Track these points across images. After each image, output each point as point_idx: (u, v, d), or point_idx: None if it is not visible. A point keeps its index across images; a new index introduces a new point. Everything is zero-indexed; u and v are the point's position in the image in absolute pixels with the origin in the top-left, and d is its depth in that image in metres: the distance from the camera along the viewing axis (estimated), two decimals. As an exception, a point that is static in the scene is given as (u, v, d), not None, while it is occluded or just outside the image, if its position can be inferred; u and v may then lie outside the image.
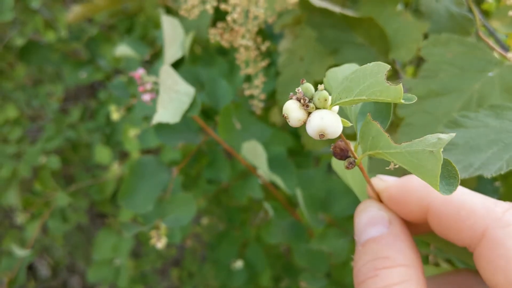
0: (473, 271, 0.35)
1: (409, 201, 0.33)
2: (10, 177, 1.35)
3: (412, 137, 0.54)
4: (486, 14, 0.89)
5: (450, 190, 0.26)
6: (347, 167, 0.31)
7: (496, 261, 0.27)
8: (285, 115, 0.28)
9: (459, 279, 0.36)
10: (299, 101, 0.28)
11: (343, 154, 0.31)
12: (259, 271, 1.18)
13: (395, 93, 0.24)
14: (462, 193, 0.30)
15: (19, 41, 1.46)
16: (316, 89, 0.28)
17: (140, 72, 0.59)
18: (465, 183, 0.59)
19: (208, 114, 0.99)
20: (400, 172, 0.41)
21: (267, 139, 0.94)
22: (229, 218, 1.27)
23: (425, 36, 0.73)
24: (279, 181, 0.68)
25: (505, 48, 0.62)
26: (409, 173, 0.33)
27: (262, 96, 0.74)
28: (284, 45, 0.79)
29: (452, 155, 0.44)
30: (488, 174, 0.40)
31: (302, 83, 0.28)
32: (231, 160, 0.97)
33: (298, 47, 0.76)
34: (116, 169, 1.31)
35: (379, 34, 0.65)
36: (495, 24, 0.73)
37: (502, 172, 0.40)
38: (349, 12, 0.66)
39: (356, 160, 0.31)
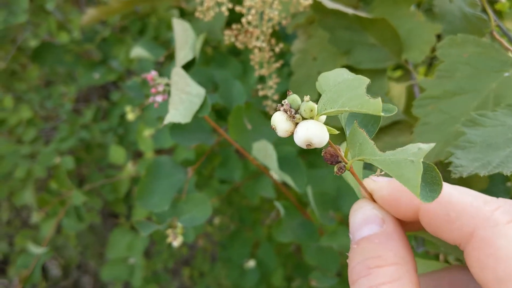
0: (466, 268, 0.36)
1: (400, 202, 0.33)
2: (25, 177, 1.37)
3: (428, 136, 0.54)
4: (499, 14, 0.89)
5: (433, 197, 0.27)
6: (337, 173, 0.32)
7: (485, 260, 0.28)
8: (273, 126, 0.29)
9: (452, 275, 0.36)
10: (286, 112, 0.29)
11: (333, 160, 0.32)
12: (271, 271, 1.19)
13: (374, 106, 0.25)
14: (451, 193, 0.31)
15: (33, 43, 1.47)
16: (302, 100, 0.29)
17: (152, 74, 0.60)
18: (476, 183, 0.60)
19: (221, 114, 1.00)
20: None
21: (281, 138, 0.94)
22: (241, 218, 1.28)
23: (438, 37, 0.73)
24: (289, 180, 0.68)
25: (520, 49, 0.62)
26: None
27: (276, 97, 0.75)
28: (297, 45, 0.79)
29: (470, 153, 0.44)
30: (508, 171, 0.41)
31: (289, 95, 0.29)
32: (243, 160, 0.98)
33: (311, 47, 0.76)
34: (130, 169, 1.32)
35: (391, 35, 0.66)
36: (508, 24, 0.73)
37: (521, 170, 0.40)
38: (362, 13, 0.66)
39: (346, 165, 0.32)
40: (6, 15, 1.30)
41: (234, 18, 0.73)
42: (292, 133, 0.29)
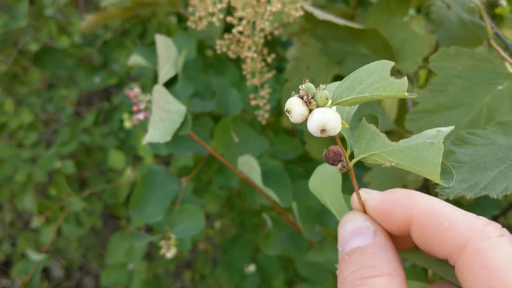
0: (451, 283, 0.35)
1: (393, 212, 0.33)
2: (25, 181, 1.37)
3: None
4: (499, 18, 0.88)
5: (448, 182, 0.28)
6: (341, 170, 0.32)
7: (478, 272, 0.27)
8: (288, 109, 0.29)
9: None
10: (302, 98, 0.29)
11: (336, 158, 0.32)
12: (271, 275, 1.18)
13: (399, 86, 0.25)
14: (445, 206, 0.31)
15: (34, 46, 1.47)
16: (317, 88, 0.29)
17: (135, 91, 0.60)
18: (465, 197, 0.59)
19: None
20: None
21: (277, 147, 0.94)
22: (242, 222, 1.27)
23: (436, 44, 0.72)
24: (273, 195, 0.68)
25: (516, 59, 0.61)
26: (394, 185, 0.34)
27: (268, 107, 0.74)
28: (292, 52, 0.79)
29: (458, 173, 0.43)
30: (494, 194, 0.40)
31: (305, 82, 0.29)
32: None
33: (305, 55, 0.76)
34: (129, 173, 1.32)
35: (383, 46, 0.65)
36: (507, 32, 0.72)
37: (508, 192, 0.40)
38: (353, 24, 0.65)
39: (348, 165, 0.32)
40: (7, 19, 1.30)
41: (232, 25, 0.72)
42: (306, 119, 0.29)
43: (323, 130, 0.28)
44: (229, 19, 0.65)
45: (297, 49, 0.77)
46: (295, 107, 0.29)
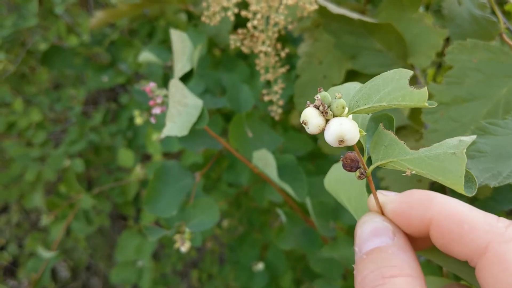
0: (467, 285, 0.35)
1: (411, 215, 0.33)
2: (35, 180, 1.37)
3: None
4: (508, 15, 0.88)
5: (471, 192, 0.28)
6: (359, 177, 0.32)
7: (499, 275, 0.27)
8: (305, 121, 0.28)
9: None
10: (318, 108, 0.28)
11: (353, 165, 0.32)
12: (280, 274, 1.18)
13: (419, 96, 0.25)
14: (464, 208, 0.31)
15: (42, 46, 1.48)
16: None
17: (151, 85, 0.60)
18: (481, 190, 0.59)
19: (229, 118, 1.00)
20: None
21: (287, 144, 0.94)
22: (250, 221, 1.27)
23: (447, 40, 0.72)
24: (289, 189, 0.68)
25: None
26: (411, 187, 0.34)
27: (281, 102, 0.74)
28: (303, 48, 0.79)
29: (481, 163, 0.43)
30: (518, 182, 0.40)
31: (320, 91, 0.28)
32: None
33: (317, 50, 0.76)
34: (138, 171, 1.32)
35: (397, 40, 0.65)
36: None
37: (531, 181, 0.40)
38: (367, 18, 0.65)
39: (366, 171, 0.32)
40: (16, 18, 1.31)
41: (241, 21, 0.72)
42: (323, 129, 0.28)
43: (341, 141, 0.28)
44: (244, 13, 0.65)
45: (309, 45, 0.77)
46: (311, 118, 0.28)
